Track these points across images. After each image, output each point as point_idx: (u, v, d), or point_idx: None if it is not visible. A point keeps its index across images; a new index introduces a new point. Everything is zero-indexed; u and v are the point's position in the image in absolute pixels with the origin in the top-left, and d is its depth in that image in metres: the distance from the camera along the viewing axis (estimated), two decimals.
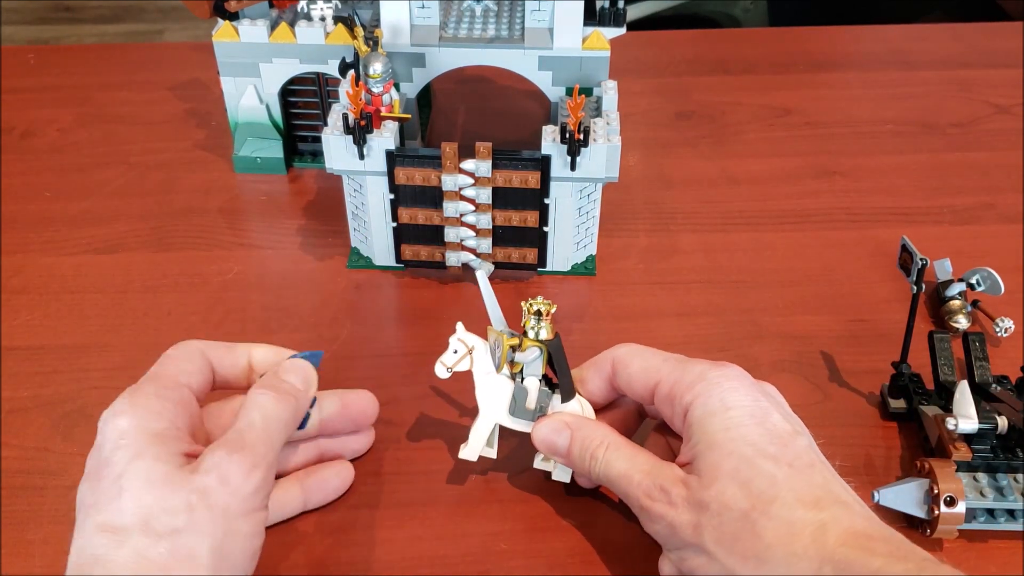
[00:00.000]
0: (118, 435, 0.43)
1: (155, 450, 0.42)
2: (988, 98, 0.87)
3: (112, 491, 0.41)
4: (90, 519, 0.41)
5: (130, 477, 0.42)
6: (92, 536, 0.41)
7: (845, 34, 0.99)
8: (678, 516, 0.43)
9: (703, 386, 0.45)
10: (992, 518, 0.49)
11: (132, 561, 0.40)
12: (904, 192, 0.75)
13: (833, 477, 0.43)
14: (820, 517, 0.40)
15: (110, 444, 0.43)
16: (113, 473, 0.42)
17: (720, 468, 0.42)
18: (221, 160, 0.78)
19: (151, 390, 0.45)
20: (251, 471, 0.43)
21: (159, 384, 0.46)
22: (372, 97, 0.61)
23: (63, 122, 0.83)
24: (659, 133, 0.82)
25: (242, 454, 0.43)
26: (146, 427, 0.43)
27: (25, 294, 0.65)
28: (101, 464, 0.43)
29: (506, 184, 0.61)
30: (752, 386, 0.46)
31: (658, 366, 0.48)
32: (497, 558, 0.49)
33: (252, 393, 0.46)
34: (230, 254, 0.68)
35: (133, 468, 0.42)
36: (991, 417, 0.49)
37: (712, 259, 0.68)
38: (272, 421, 0.45)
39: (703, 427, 0.44)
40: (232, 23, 0.70)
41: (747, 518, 0.41)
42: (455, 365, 0.49)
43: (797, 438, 0.44)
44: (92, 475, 0.43)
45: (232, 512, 0.42)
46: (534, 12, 0.64)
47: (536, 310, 0.49)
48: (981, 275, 0.62)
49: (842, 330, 0.62)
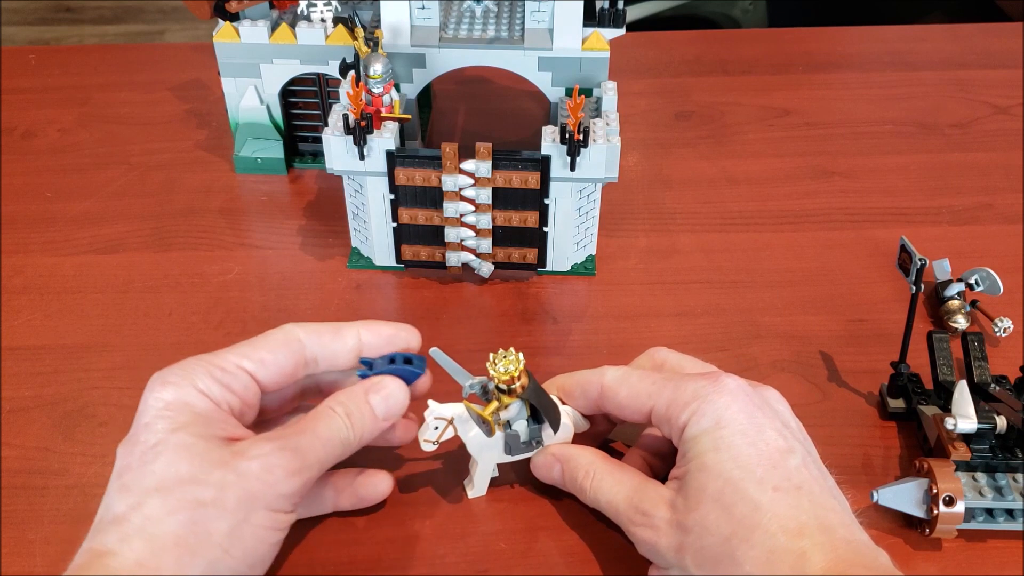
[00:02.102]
0: (162, 405, 0.43)
1: (196, 427, 0.43)
2: (987, 98, 0.87)
3: (147, 456, 0.42)
4: (118, 479, 0.42)
5: (167, 445, 0.42)
6: (114, 495, 0.41)
7: (844, 35, 0.99)
8: (660, 539, 0.44)
9: (697, 404, 0.45)
10: (991, 518, 0.49)
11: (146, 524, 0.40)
12: (903, 192, 0.75)
13: (823, 496, 0.42)
14: (801, 545, 0.40)
15: (152, 412, 0.43)
16: (151, 440, 0.42)
17: (705, 491, 0.42)
18: (222, 160, 0.78)
19: (205, 370, 0.45)
20: (294, 475, 0.43)
21: (216, 365, 0.45)
22: (372, 98, 0.61)
23: (64, 122, 0.83)
24: (659, 133, 0.82)
25: (292, 455, 0.43)
26: (190, 403, 0.43)
27: (26, 294, 0.65)
28: (140, 429, 0.43)
29: (506, 184, 0.61)
30: (749, 399, 0.45)
31: (648, 391, 0.47)
32: (497, 558, 0.49)
33: (329, 405, 0.46)
34: (231, 254, 0.69)
35: (173, 439, 0.42)
36: (990, 417, 0.49)
37: (711, 259, 0.68)
38: (334, 442, 0.45)
39: (695, 446, 0.44)
40: (233, 24, 0.70)
41: (728, 544, 0.41)
42: (439, 438, 0.48)
43: (788, 457, 0.43)
44: (130, 438, 0.43)
45: (261, 503, 0.42)
46: (534, 13, 0.64)
47: (506, 379, 0.47)
48: (980, 275, 0.62)
49: (841, 330, 0.63)
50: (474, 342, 0.62)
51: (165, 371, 0.45)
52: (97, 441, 0.55)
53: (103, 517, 0.42)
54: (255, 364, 0.46)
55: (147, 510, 0.40)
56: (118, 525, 0.40)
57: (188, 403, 0.43)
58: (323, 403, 0.46)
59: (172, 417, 0.43)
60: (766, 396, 0.46)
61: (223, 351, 0.46)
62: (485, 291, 0.66)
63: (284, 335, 0.47)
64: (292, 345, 0.47)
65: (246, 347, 0.47)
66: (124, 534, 0.40)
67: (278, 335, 0.47)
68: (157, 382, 0.44)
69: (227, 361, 0.46)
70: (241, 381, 0.46)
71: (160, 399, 0.43)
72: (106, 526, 0.41)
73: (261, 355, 0.46)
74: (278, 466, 0.42)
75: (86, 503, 0.52)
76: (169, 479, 0.41)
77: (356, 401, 0.46)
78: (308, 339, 0.48)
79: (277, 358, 0.47)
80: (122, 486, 0.42)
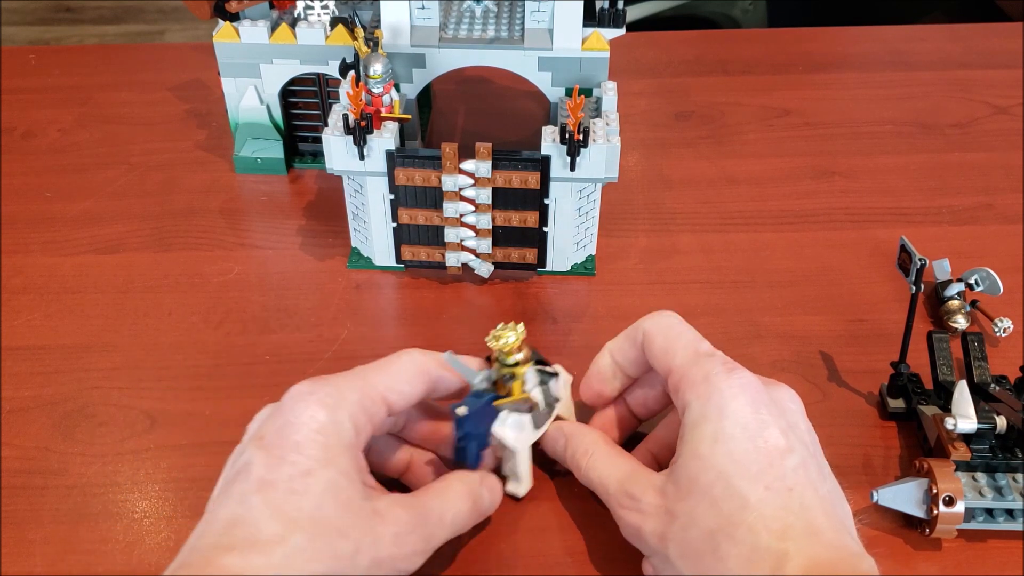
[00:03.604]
0: (316, 427, 0.42)
1: (345, 465, 0.42)
2: (987, 98, 0.87)
3: (297, 483, 0.40)
4: (261, 493, 0.40)
5: (319, 480, 0.40)
6: (259, 508, 0.39)
7: (844, 35, 0.99)
8: (645, 524, 0.44)
9: (705, 388, 0.44)
10: (991, 518, 0.49)
11: (287, 562, 0.38)
12: (903, 192, 0.75)
13: (815, 500, 0.41)
14: (784, 547, 0.39)
15: (305, 431, 0.41)
16: (302, 465, 0.41)
17: (697, 481, 0.42)
18: (222, 160, 0.78)
19: (357, 399, 0.44)
20: (418, 555, 0.43)
21: (366, 395, 0.44)
22: (372, 98, 0.61)
23: (64, 122, 0.83)
24: (658, 133, 0.82)
25: (420, 536, 0.43)
26: (343, 435, 0.42)
27: (26, 294, 0.65)
28: (288, 446, 0.41)
29: (506, 184, 0.61)
30: (757, 394, 0.44)
31: (676, 351, 0.47)
32: (497, 558, 0.49)
33: (457, 491, 0.46)
34: (230, 254, 0.69)
35: (324, 474, 0.41)
36: (990, 417, 0.49)
37: (711, 259, 0.68)
38: (457, 524, 0.46)
39: (694, 432, 0.43)
40: (233, 24, 0.70)
41: (713, 538, 0.41)
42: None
43: (787, 457, 0.42)
44: (273, 447, 0.41)
45: (381, 570, 0.42)
46: (534, 13, 0.64)
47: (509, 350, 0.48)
48: (980, 275, 0.62)
49: (841, 330, 0.63)
50: (474, 342, 0.61)
51: (316, 385, 0.43)
52: (97, 441, 0.55)
53: (236, 525, 0.39)
54: (396, 396, 0.46)
55: (290, 548, 0.38)
56: (260, 553, 0.38)
57: (339, 432, 0.42)
58: (454, 484, 0.46)
59: (324, 443, 0.41)
60: (778, 395, 0.46)
61: (369, 375, 0.45)
62: (485, 291, 0.66)
63: (416, 366, 0.47)
64: (423, 377, 0.47)
65: (386, 376, 0.46)
66: (262, 565, 0.38)
67: (410, 366, 0.46)
68: (311, 398, 0.42)
69: (375, 391, 0.45)
70: (381, 413, 0.45)
71: (315, 419, 0.42)
72: (243, 543, 0.38)
73: (402, 387, 0.46)
74: (408, 543, 0.42)
75: (86, 503, 0.52)
76: (317, 521, 0.40)
77: (481, 495, 0.47)
78: (434, 371, 0.47)
79: (414, 390, 0.46)
80: (269, 502, 0.39)
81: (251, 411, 0.49)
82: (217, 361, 0.60)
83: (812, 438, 0.46)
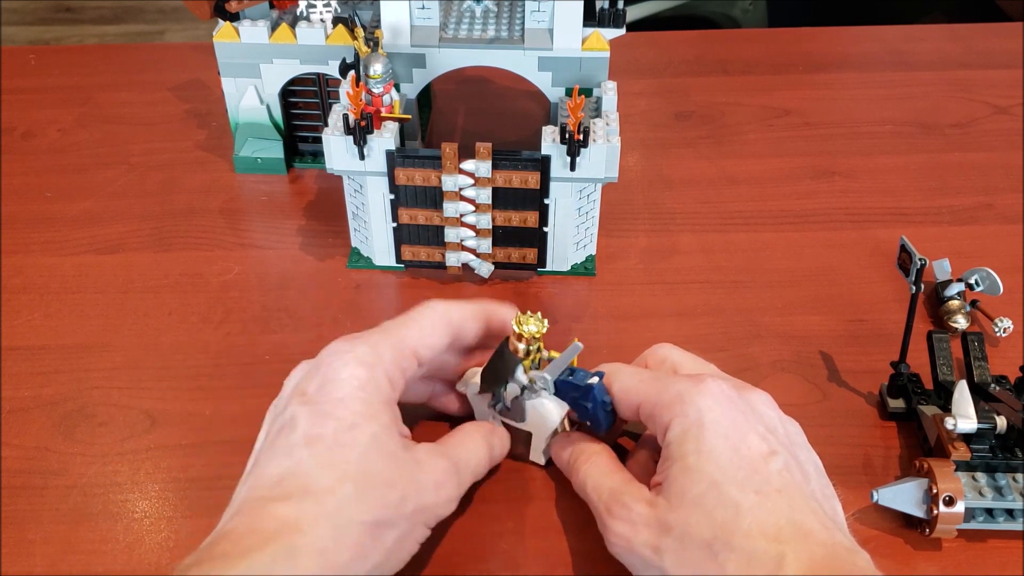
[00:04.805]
0: (357, 384, 0.43)
1: (386, 419, 0.43)
2: (987, 98, 0.87)
3: (343, 437, 0.42)
4: (309, 447, 0.41)
5: (364, 433, 0.42)
6: (307, 459, 0.41)
7: (844, 35, 0.99)
8: (637, 535, 0.43)
9: (680, 406, 0.45)
10: (991, 518, 0.49)
11: (341, 510, 0.40)
12: (903, 192, 0.75)
13: (803, 500, 0.42)
14: (780, 549, 0.40)
15: (347, 388, 0.43)
16: (348, 419, 0.42)
17: (687, 494, 0.42)
18: (222, 160, 0.78)
19: (392, 356, 0.45)
20: (453, 501, 0.46)
21: (399, 352, 0.46)
22: (372, 98, 0.61)
23: (64, 122, 0.83)
24: (658, 133, 0.82)
25: (457, 482, 0.46)
26: (381, 391, 0.44)
27: (26, 294, 0.65)
28: (331, 401, 0.43)
29: (506, 184, 0.61)
30: (731, 403, 0.45)
31: (636, 388, 0.48)
32: (497, 558, 0.49)
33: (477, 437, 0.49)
34: (230, 254, 0.69)
35: (369, 428, 0.42)
36: (990, 417, 0.49)
37: (711, 259, 0.68)
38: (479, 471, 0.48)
39: (677, 448, 0.44)
40: (233, 24, 0.70)
41: (710, 548, 0.41)
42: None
43: (770, 461, 0.43)
44: (316, 403, 0.43)
45: (424, 518, 0.44)
46: (534, 13, 0.64)
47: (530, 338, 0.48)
48: (980, 275, 0.62)
49: (841, 330, 0.63)
50: None
51: (354, 342, 0.45)
52: (97, 441, 0.55)
53: (287, 476, 0.40)
54: (426, 350, 0.47)
55: (341, 497, 0.40)
56: (314, 502, 0.40)
57: (378, 388, 0.44)
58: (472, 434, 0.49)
59: (365, 399, 0.43)
60: (751, 400, 0.46)
61: (400, 330, 0.47)
62: (485, 291, 0.66)
63: (441, 317, 0.48)
64: (449, 328, 0.48)
65: (416, 331, 0.47)
66: (315, 514, 0.39)
67: (436, 318, 0.48)
68: (349, 355, 0.44)
69: (407, 346, 0.46)
70: (412, 367, 0.47)
71: (355, 377, 0.43)
72: (296, 492, 0.40)
73: (431, 341, 0.47)
74: (446, 489, 0.44)
75: (86, 503, 0.52)
76: (365, 471, 0.41)
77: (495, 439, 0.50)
78: (457, 320, 0.49)
79: (441, 342, 0.48)
80: (317, 455, 0.41)
81: (251, 411, 0.49)
82: (217, 361, 0.60)
83: (790, 440, 0.46)
